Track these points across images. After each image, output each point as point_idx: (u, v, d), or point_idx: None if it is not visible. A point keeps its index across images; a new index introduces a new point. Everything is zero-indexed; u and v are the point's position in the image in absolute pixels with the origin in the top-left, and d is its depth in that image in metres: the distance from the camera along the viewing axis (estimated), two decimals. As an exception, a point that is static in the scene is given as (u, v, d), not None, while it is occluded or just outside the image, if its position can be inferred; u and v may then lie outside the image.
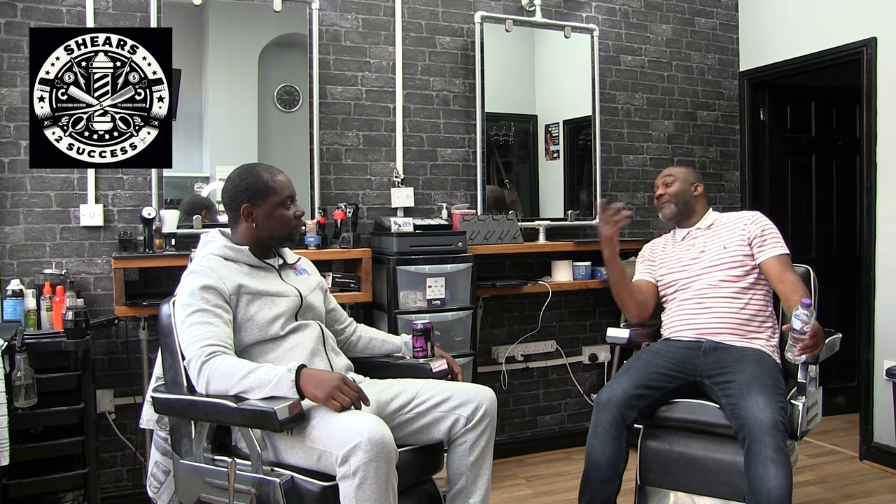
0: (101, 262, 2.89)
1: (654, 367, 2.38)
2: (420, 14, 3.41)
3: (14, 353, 2.36)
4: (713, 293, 2.52)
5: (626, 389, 2.29)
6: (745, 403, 2.13)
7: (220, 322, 1.85)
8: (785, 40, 3.81)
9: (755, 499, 2.03)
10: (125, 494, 2.94)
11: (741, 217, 2.64)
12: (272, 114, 3.22)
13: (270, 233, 2.03)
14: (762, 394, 2.13)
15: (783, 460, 2.02)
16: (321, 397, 1.71)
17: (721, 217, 2.70)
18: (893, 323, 3.31)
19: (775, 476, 2.00)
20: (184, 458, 1.91)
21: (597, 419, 2.29)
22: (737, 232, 2.57)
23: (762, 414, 2.07)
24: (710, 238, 2.63)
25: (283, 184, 2.04)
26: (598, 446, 2.26)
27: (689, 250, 2.66)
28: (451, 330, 3.07)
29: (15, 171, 2.79)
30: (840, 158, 4.14)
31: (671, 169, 2.80)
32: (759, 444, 2.04)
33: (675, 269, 2.66)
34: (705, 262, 2.58)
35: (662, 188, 2.73)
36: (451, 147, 3.49)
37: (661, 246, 2.80)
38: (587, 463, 2.29)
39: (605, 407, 2.27)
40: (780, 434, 2.05)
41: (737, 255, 2.53)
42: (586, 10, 3.74)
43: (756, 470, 2.03)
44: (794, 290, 2.37)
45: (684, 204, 2.69)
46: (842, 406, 3.98)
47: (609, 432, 2.25)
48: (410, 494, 1.91)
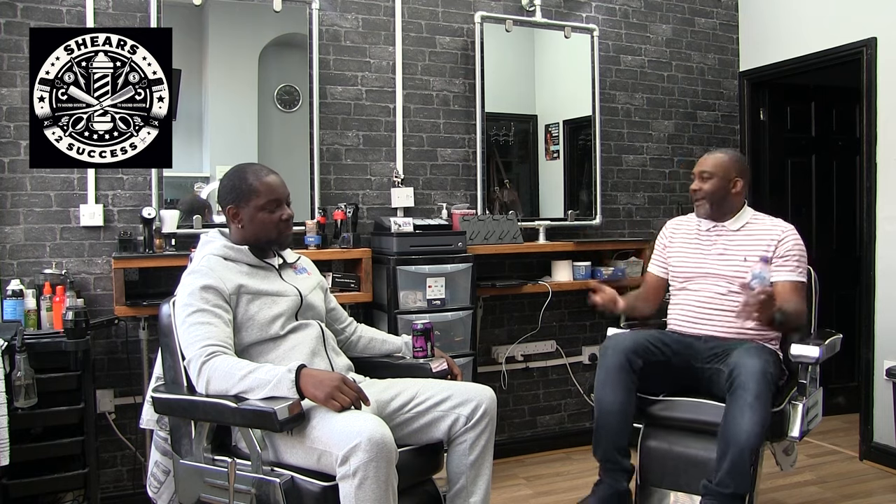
0: (101, 262, 2.89)
1: (659, 338, 2.43)
2: (420, 14, 3.41)
3: (14, 353, 2.36)
4: (720, 303, 2.46)
5: (635, 338, 2.34)
6: (737, 356, 2.19)
7: (220, 322, 1.85)
8: (785, 40, 3.81)
9: (725, 439, 2.09)
10: (125, 494, 2.94)
11: (773, 229, 2.48)
12: (272, 114, 3.22)
13: (256, 235, 2.01)
14: (756, 353, 2.19)
15: (760, 408, 2.06)
16: (321, 397, 1.71)
17: (754, 219, 2.53)
18: (893, 323, 3.31)
19: (748, 422, 2.05)
20: (184, 458, 1.91)
21: (604, 363, 2.30)
22: (762, 246, 2.44)
23: (751, 361, 2.13)
24: (735, 242, 2.50)
25: (269, 185, 2.00)
26: (609, 393, 2.27)
27: (708, 247, 2.55)
28: (451, 330, 3.07)
29: (15, 171, 2.79)
30: (840, 158, 4.14)
31: (711, 158, 2.54)
32: (742, 388, 2.08)
33: (690, 262, 2.58)
34: (720, 268, 2.49)
35: (698, 182, 2.53)
36: (451, 147, 3.49)
37: (683, 231, 2.65)
38: (597, 412, 2.30)
39: (613, 351, 2.30)
40: (764, 382, 2.09)
41: None
42: (586, 10, 3.74)
43: (732, 413, 2.09)
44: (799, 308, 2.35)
45: (720, 203, 2.51)
46: (842, 406, 3.98)
47: (618, 377, 2.26)
48: (410, 494, 1.91)
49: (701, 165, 2.55)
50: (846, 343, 2.57)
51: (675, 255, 2.64)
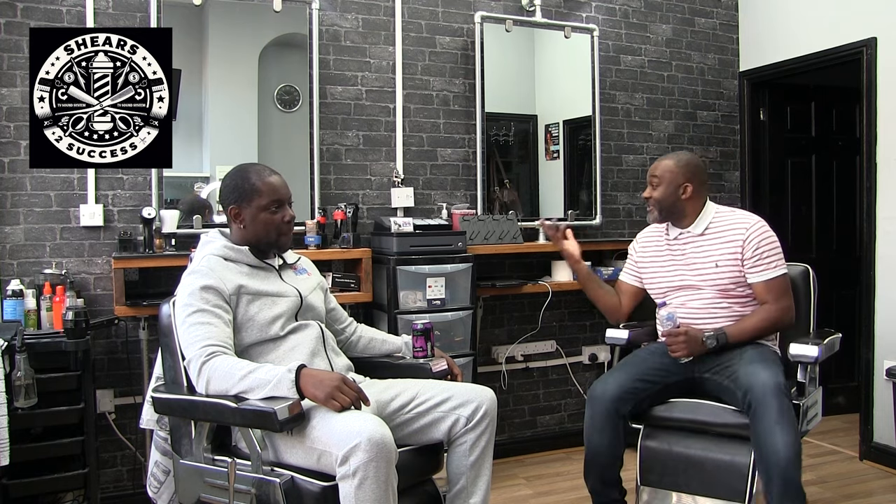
0: (101, 262, 2.89)
1: (650, 364, 2.39)
2: (420, 14, 3.41)
3: (14, 353, 2.36)
4: (703, 314, 2.42)
5: (620, 383, 2.30)
6: (745, 371, 2.18)
7: (220, 322, 1.85)
8: (785, 40, 3.81)
9: (765, 464, 2.05)
10: (125, 494, 2.94)
11: (738, 226, 2.40)
12: (272, 114, 3.22)
13: (257, 236, 2.01)
14: (761, 364, 2.18)
15: (789, 421, 2.04)
16: (321, 397, 1.71)
17: (717, 218, 2.45)
18: (893, 323, 3.31)
19: (782, 438, 2.01)
20: (184, 458, 1.91)
21: (591, 412, 2.30)
22: (730, 248, 2.38)
23: (764, 376, 2.11)
24: (702, 247, 2.43)
25: (270, 186, 2.00)
26: (596, 437, 2.29)
27: (679, 257, 2.48)
28: (451, 330, 3.07)
29: (15, 171, 2.79)
30: (840, 158, 4.14)
31: (660, 164, 2.49)
32: (763, 405, 2.06)
33: (664, 275, 2.51)
34: (695, 278, 2.43)
35: (649, 188, 2.49)
36: (451, 147, 3.49)
37: (654, 243, 2.58)
38: (587, 451, 2.32)
39: (599, 400, 2.28)
40: (782, 395, 2.08)
41: (729, 276, 2.38)
42: (586, 10, 3.74)
43: (763, 434, 2.05)
44: (762, 315, 2.34)
45: (669, 210, 2.46)
46: (842, 406, 3.98)
47: (605, 424, 2.27)
48: (410, 494, 1.91)
49: (651, 171, 2.50)
50: (846, 343, 2.58)
51: (647, 269, 2.58)
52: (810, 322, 2.52)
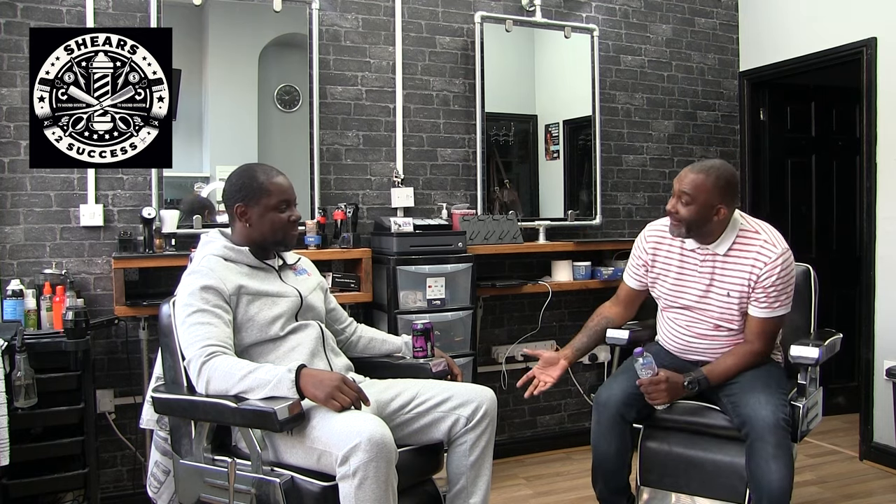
0: (101, 262, 2.89)
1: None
2: (420, 14, 3.41)
3: (14, 353, 2.36)
4: (709, 338, 2.35)
5: (625, 388, 2.29)
6: (746, 401, 2.14)
7: (220, 322, 1.85)
8: (785, 40, 3.81)
9: (758, 492, 2.07)
10: (125, 494, 2.94)
11: (760, 257, 2.22)
12: (272, 114, 3.22)
13: (263, 235, 2.01)
14: (764, 392, 2.15)
15: (784, 456, 2.04)
16: (321, 397, 1.71)
17: (741, 240, 2.26)
18: (893, 323, 3.31)
19: (777, 472, 2.03)
20: (184, 458, 1.91)
21: (598, 418, 2.30)
22: (745, 278, 2.24)
23: (764, 412, 2.09)
24: (717, 270, 2.29)
25: (278, 186, 2.00)
26: (603, 444, 2.28)
27: (693, 274, 2.34)
28: (451, 330, 3.07)
29: (15, 171, 2.79)
30: (840, 158, 4.14)
31: (693, 179, 2.20)
32: (762, 441, 2.06)
33: (670, 287, 2.39)
34: (702, 303, 2.32)
35: (676, 202, 2.24)
36: (451, 147, 3.49)
37: (666, 248, 2.40)
38: (595, 457, 2.31)
39: (605, 406, 2.28)
40: (781, 431, 2.07)
41: (737, 306, 2.28)
42: (586, 10, 3.74)
43: (758, 465, 2.06)
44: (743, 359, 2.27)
45: (696, 229, 2.26)
46: (842, 406, 3.98)
47: (612, 430, 2.26)
48: (410, 494, 1.91)
49: (681, 184, 2.23)
50: (846, 343, 2.57)
51: (658, 277, 2.43)
52: (811, 322, 2.52)
